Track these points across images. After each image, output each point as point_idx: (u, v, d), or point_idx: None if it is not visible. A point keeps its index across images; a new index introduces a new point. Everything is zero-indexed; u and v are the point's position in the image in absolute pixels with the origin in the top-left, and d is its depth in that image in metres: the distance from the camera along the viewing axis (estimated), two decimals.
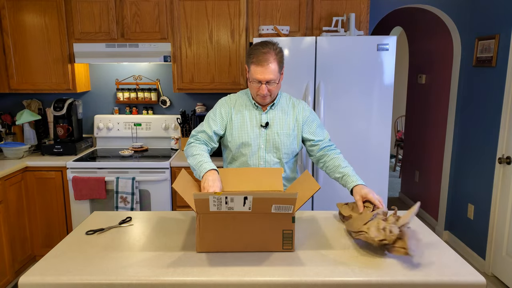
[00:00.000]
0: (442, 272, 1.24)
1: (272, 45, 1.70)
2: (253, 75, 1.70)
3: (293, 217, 1.34)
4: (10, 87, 3.07)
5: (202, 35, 2.97)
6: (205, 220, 1.34)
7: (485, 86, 3.06)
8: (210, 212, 1.32)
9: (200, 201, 1.29)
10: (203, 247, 1.37)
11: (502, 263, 2.85)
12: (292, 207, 1.30)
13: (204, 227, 1.35)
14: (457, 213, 3.49)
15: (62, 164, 2.85)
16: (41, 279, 1.21)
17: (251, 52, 1.71)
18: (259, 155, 1.82)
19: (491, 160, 2.97)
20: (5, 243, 2.64)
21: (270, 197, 1.28)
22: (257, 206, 1.31)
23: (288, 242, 1.37)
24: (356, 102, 2.62)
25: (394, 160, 6.29)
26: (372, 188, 2.70)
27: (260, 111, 1.83)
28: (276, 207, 1.31)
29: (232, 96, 1.91)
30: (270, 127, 1.81)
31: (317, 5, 2.90)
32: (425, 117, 4.13)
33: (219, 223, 1.34)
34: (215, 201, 1.28)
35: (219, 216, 1.33)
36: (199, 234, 1.36)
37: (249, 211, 1.32)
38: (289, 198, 1.28)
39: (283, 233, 1.35)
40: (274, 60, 1.68)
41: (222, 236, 1.36)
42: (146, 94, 3.34)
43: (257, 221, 1.34)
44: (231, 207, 1.30)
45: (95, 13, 2.95)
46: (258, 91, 1.73)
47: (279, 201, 1.29)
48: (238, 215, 1.33)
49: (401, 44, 6.30)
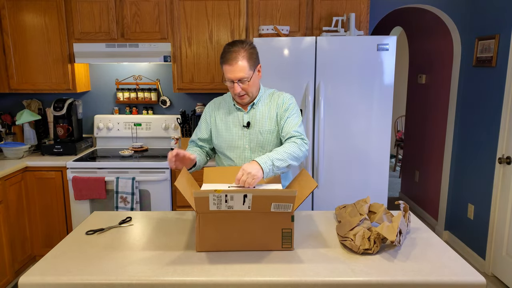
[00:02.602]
0: (442, 272, 1.24)
1: (241, 43, 1.70)
2: (225, 74, 1.72)
3: (292, 216, 1.34)
4: (10, 87, 3.07)
5: (202, 35, 2.97)
6: (205, 219, 1.34)
7: (485, 86, 3.06)
8: (210, 211, 1.32)
9: (200, 199, 1.29)
10: (203, 246, 1.37)
11: (502, 263, 2.85)
12: (291, 205, 1.31)
13: (204, 227, 1.35)
14: (457, 213, 3.49)
15: (62, 164, 2.85)
16: (41, 279, 1.21)
17: (222, 53, 1.73)
18: (245, 156, 1.83)
19: (491, 160, 2.97)
20: (5, 243, 2.64)
21: (269, 195, 1.29)
22: (257, 204, 1.31)
23: (288, 241, 1.37)
24: (356, 102, 2.62)
25: (394, 160, 6.29)
26: (372, 188, 2.72)
27: (242, 111, 1.84)
28: (275, 205, 1.31)
29: (217, 99, 1.94)
30: (252, 126, 1.81)
31: (317, 5, 2.90)
32: (425, 117, 4.13)
33: (219, 222, 1.35)
34: (214, 199, 1.29)
35: (219, 215, 1.33)
36: (199, 234, 1.36)
37: (248, 210, 1.32)
38: (288, 196, 1.28)
39: (283, 232, 1.36)
40: (243, 58, 1.67)
41: (222, 235, 1.36)
42: (146, 94, 3.34)
43: (257, 220, 1.35)
44: (230, 205, 1.31)
45: (95, 13, 2.95)
46: (233, 91, 1.75)
47: (279, 199, 1.29)
48: (238, 214, 1.33)
49: (401, 44, 6.30)
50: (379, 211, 1.52)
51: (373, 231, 1.38)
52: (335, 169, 2.70)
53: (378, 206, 1.56)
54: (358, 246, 1.34)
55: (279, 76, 2.61)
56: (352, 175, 2.70)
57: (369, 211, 1.57)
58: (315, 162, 2.67)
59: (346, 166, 2.69)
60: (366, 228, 1.41)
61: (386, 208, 1.56)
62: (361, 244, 1.35)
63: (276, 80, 2.61)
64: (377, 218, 1.49)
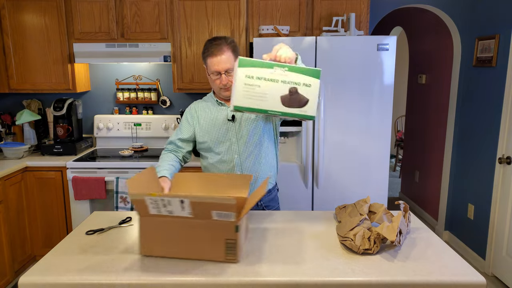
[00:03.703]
0: (442, 272, 1.24)
1: (223, 38, 1.75)
2: (211, 67, 1.73)
3: (236, 226, 1.25)
4: (10, 87, 3.07)
5: (202, 35, 2.97)
6: (148, 222, 1.30)
7: (485, 86, 3.06)
8: (151, 214, 1.28)
9: (136, 201, 1.25)
10: (146, 250, 1.33)
11: (502, 263, 2.85)
12: (234, 214, 1.22)
13: (146, 230, 1.31)
14: (457, 213, 3.49)
15: (62, 164, 2.85)
16: (41, 279, 1.21)
17: (205, 48, 1.76)
18: (233, 149, 1.83)
19: (491, 160, 2.97)
20: (5, 243, 2.64)
21: (207, 202, 1.20)
22: (197, 211, 1.24)
23: (232, 252, 1.28)
24: (356, 102, 2.62)
25: (394, 160, 6.29)
26: (372, 188, 2.72)
27: (225, 106, 1.85)
28: (217, 213, 1.23)
29: (196, 102, 1.95)
30: (237, 119, 1.83)
31: (317, 5, 2.90)
32: (425, 117, 4.13)
33: (161, 227, 1.29)
34: (152, 203, 1.24)
35: (161, 220, 1.28)
36: (141, 237, 1.32)
37: (190, 216, 1.26)
38: (228, 204, 1.19)
39: (226, 243, 1.27)
40: (228, 49, 1.72)
41: (165, 241, 1.30)
42: (146, 94, 3.34)
43: (199, 228, 1.27)
44: (170, 210, 1.25)
45: (95, 13, 2.95)
46: (220, 83, 1.75)
47: (218, 206, 1.21)
48: (180, 220, 1.27)
49: (401, 44, 6.30)
50: (379, 211, 1.52)
51: (373, 231, 1.38)
52: (335, 169, 2.70)
53: (378, 206, 1.56)
54: (358, 246, 1.34)
55: None
56: (352, 175, 2.70)
57: (369, 211, 1.57)
58: (315, 162, 2.67)
59: (346, 166, 2.69)
60: (366, 228, 1.41)
61: (386, 208, 1.56)
62: (361, 244, 1.35)
63: None
64: (377, 218, 1.49)
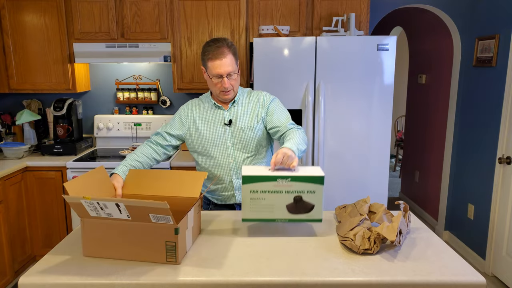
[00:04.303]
0: (442, 272, 1.24)
1: (223, 40, 1.74)
2: (213, 70, 1.72)
3: (176, 229, 1.25)
4: (10, 87, 3.07)
5: (202, 35, 2.97)
6: (89, 224, 1.30)
7: (485, 86, 3.06)
8: (91, 217, 1.28)
9: (74, 204, 1.25)
10: (89, 251, 1.33)
11: (502, 263, 2.85)
12: (170, 217, 1.22)
13: (87, 232, 1.31)
14: (457, 213, 3.49)
15: (62, 164, 2.85)
16: (41, 279, 1.21)
17: (205, 50, 1.73)
18: (228, 153, 1.83)
19: (491, 160, 2.97)
20: (5, 243, 2.64)
21: (143, 206, 1.20)
22: (134, 214, 1.24)
23: (172, 255, 1.28)
24: (356, 102, 2.62)
25: (394, 160, 6.29)
26: (372, 188, 2.72)
27: (222, 110, 1.84)
28: (154, 217, 1.23)
29: (193, 100, 1.93)
30: (234, 124, 1.82)
31: (317, 5, 2.90)
32: (425, 117, 4.13)
33: (103, 229, 1.30)
34: (89, 206, 1.23)
35: (102, 222, 1.29)
36: (83, 238, 1.32)
37: (129, 219, 1.26)
38: (161, 208, 1.19)
39: (166, 245, 1.27)
40: (229, 52, 1.72)
41: (107, 242, 1.31)
42: (146, 94, 3.34)
43: (139, 231, 1.28)
44: (109, 213, 1.25)
45: (95, 13, 2.95)
46: (221, 86, 1.74)
47: (154, 210, 1.21)
48: (120, 222, 1.28)
49: (401, 44, 6.30)
50: (379, 211, 1.52)
51: (373, 231, 1.38)
52: (335, 169, 2.70)
53: (378, 206, 1.56)
54: (358, 246, 1.34)
55: (279, 76, 2.61)
56: (352, 175, 2.70)
57: (369, 211, 1.57)
58: (315, 162, 2.67)
59: (346, 166, 2.69)
60: (366, 228, 1.40)
61: (386, 208, 1.56)
62: (361, 244, 1.35)
63: (276, 80, 2.61)
64: (377, 218, 1.49)
